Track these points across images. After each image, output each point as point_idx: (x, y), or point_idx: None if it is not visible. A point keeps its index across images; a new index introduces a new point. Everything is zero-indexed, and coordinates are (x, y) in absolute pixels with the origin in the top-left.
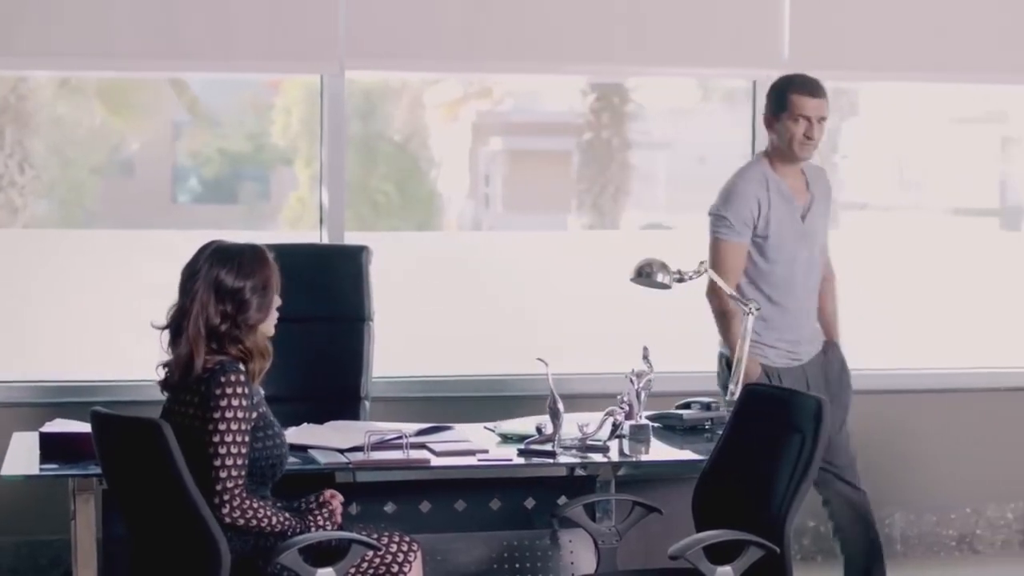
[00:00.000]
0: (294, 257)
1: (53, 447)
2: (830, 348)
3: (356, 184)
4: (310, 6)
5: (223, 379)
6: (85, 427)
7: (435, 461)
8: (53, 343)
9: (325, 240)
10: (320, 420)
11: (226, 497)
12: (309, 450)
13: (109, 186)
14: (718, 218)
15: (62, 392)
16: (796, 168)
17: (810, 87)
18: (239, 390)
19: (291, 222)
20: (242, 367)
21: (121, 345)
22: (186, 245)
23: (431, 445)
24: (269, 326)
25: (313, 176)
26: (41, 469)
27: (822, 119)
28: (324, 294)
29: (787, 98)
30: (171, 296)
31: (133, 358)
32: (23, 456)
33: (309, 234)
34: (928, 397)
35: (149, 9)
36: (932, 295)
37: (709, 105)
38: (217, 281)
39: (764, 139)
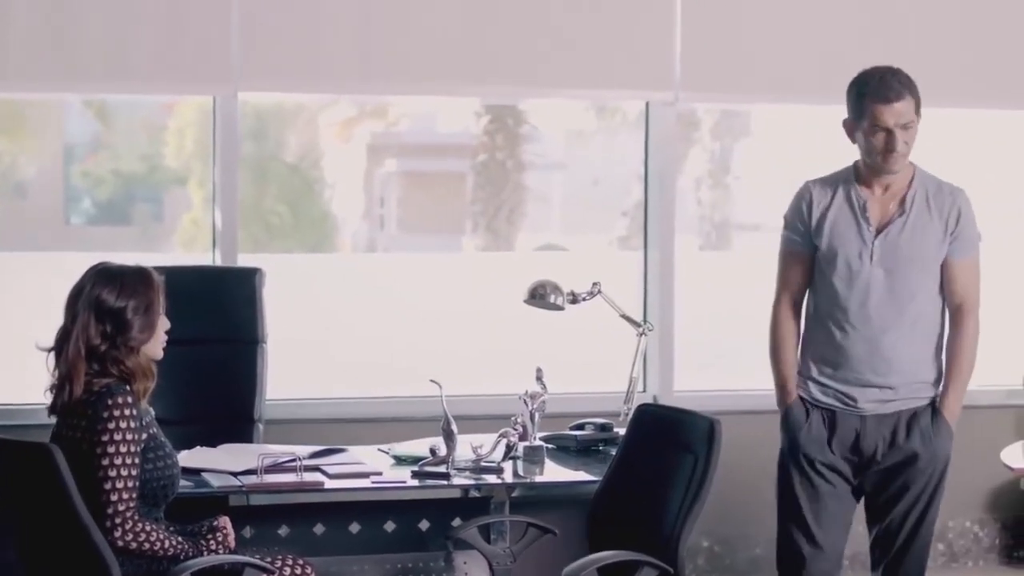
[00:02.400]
0: (187, 279)
1: None
2: (923, 416)
3: (250, 205)
4: (203, 28)
5: (110, 402)
6: None
7: (329, 484)
8: None
9: (218, 262)
10: (213, 443)
11: (117, 520)
12: (202, 473)
13: (0, 208)
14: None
15: None
16: (892, 179)
17: (886, 90)
18: (127, 412)
19: (185, 244)
20: (129, 388)
21: (12, 368)
22: (80, 267)
23: (325, 468)
24: (156, 348)
25: (207, 198)
26: None
27: (907, 126)
28: (217, 316)
29: (863, 105)
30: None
31: (24, 381)
32: None
33: (203, 256)
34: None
35: (41, 30)
36: None
37: (604, 127)
38: (98, 301)
39: (657, 160)
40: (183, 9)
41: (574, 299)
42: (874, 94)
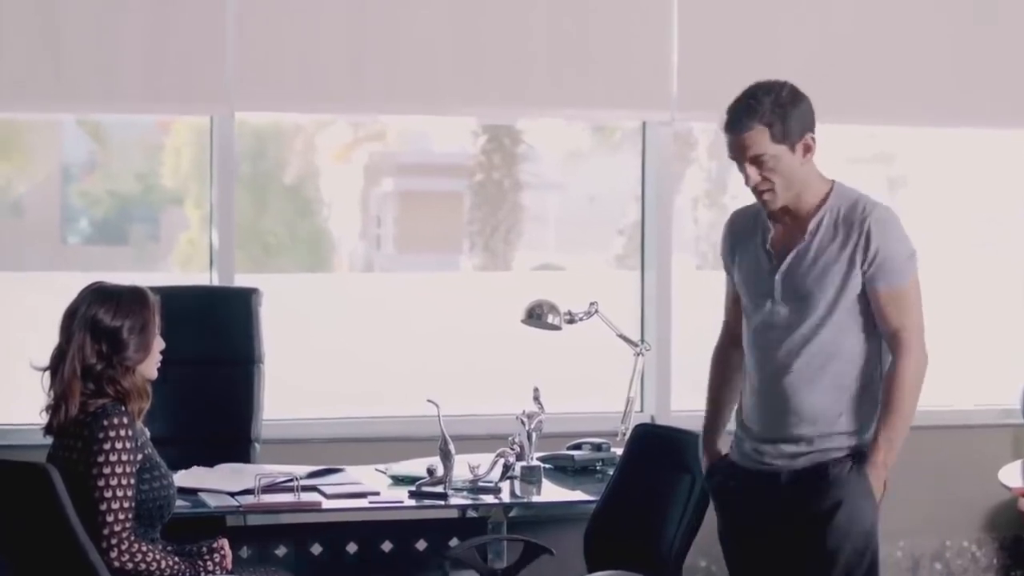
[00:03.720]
0: (184, 299)
1: None
2: (838, 466)
3: (247, 225)
4: (199, 47)
5: (106, 422)
6: None
7: (326, 503)
8: None
9: (215, 282)
10: (210, 463)
11: (114, 541)
12: (199, 493)
13: None
14: None
15: None
16: (798, 203)
17: (729, 121)
18: (123, 432)
19: (181, 263)
20: (124, 409)
21: (8, 388)
22: (76, 286)
23: (322, 487)
24: (150, 368)
25: (204, 217)
26: None
27: (758, 160)
28: (214, 336)
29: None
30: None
31: (20, 402)
32: None
33: (199, 276)
34: None
35: (35, 49)
36: None
37: (600, 146)
38: (94, 320)
39: (653, 180)
40: (179, 28)
41: (571, 319)
42: (723, 122)
